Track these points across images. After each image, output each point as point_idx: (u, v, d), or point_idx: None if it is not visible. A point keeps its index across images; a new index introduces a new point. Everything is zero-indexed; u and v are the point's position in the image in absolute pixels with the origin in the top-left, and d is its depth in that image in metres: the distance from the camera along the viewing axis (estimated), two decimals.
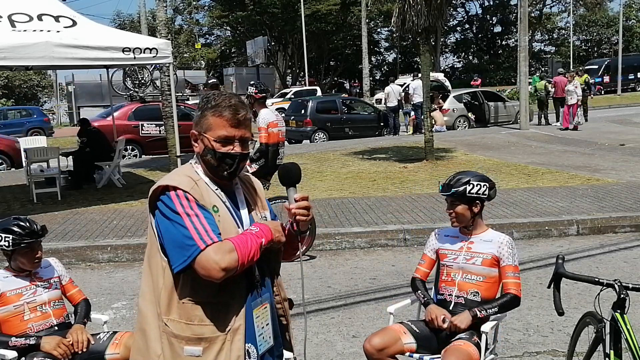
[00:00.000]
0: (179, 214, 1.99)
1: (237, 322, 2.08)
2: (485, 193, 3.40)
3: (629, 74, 40.33)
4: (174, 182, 2.06)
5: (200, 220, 1.99)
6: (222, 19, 48.29)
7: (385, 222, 7.90)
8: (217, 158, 2.10)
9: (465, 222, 3.47)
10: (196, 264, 1.95)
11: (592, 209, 8.27)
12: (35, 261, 3.47)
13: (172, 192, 2.03)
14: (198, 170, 2.16)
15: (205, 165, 2.15)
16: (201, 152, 2.14)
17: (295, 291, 5.92)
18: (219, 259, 1.93)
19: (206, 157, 2.13)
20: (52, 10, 9.40)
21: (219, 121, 2.10)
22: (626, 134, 17.53)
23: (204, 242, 1.95)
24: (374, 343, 3.28)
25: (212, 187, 2.13)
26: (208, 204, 2.06)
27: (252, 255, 2.01)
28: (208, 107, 2.12)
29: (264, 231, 2.08)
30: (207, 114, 2.12)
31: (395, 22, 12.98)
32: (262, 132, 6.83)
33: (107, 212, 9.05)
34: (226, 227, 2.07)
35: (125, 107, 16.92)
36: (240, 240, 2.01)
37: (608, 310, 2.85)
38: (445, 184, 3.48)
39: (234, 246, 1.97)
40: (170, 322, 2.07)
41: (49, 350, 3.26)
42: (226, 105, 2.10)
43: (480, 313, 3.26)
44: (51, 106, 51.07)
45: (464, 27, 61.29)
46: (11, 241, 3.36)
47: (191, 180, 2.09)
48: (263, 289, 2.19)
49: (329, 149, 15.87)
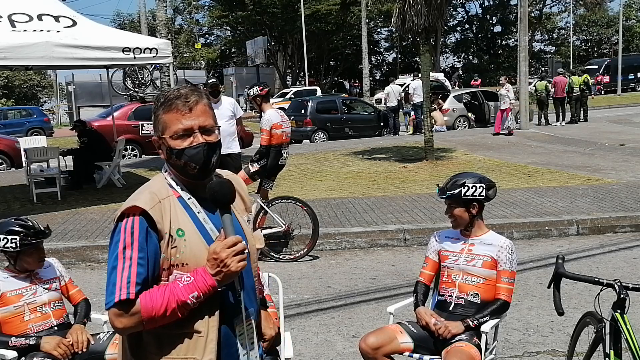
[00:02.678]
0: (117, 252, 1.84)
1: (206, 356, 1.87)
2: (482, 194, 3.39)
3: (629, 74, 40.34)
4: (134, 202, 1.87)
5: (132, 266, 1.81)
6: (222, 19, 48.26)
7: (385, 222, 7.90)
8: (179, 156, 1.91)
9: (464, 224, 3.48)
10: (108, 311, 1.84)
11: (592, 209, 8.27)
12: (40, 261, 3.49)
13: (123, 223, 1.86)
14: (170, 180, 1.98)
15: (174, 170, 1.97)
16: (166, 157, 1.96)
17: (295, 291, 5.93)
18: (115, 320, 1.82)
19: (171, 160, 1.95)
20: (52, 10, 9.40)
21: (171, 115, 1.92)
22: (626, 134, 17.53)
23: (119, 296, 1.79)
24: (369, 342, 3.28)
25: (185, 199, 1.94)
26: (168, 227, 1.87)
27: (166, 314, 1.82)
28: (159, 106, 1.95)
29: (200, 285, 1.83)
30: (159, 114, 1.95)
31: (395, 22, 12.98)
32: (263, 134, 6.83)
33: (107, 212, 9.05)
34: (195, 251, 1.89)
35: (125, 107, 16.94)
36: (152, 301, 1.81)
37: (608, 310, 2.85)
38: (441, 187, 3.51)
39: (141, 309, 1.80)
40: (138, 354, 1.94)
41: (49, 350, 3.26)
42: (174, 96, 1.92)
43: (473, 323, 3.29)
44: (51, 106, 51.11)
45: (464, 27, 61.26)
46: (18, 242, 3.37)
47: (155, 197, 1.90)
48: (248, 303, 1.98)
49: (329, 149, 15.86)
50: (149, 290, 1.84)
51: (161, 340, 1.89)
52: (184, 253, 1.88)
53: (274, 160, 6.86)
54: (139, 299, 1.81)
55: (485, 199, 3.41)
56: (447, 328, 3.25)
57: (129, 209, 1.88)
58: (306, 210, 6.92)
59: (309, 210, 6.91)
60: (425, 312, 3.42)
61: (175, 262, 1.88)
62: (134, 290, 1.80)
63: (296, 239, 7.20)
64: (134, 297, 1.80)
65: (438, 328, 3.27)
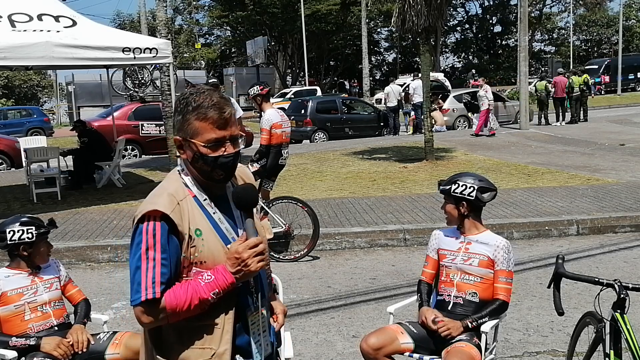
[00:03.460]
0: (141, 253, 1.92)
1: (222, 347, 1.98)
2: (471, 195, 3.38)
3: (629, 74, 40.34)
4: (153, 206, 1.93)
5: (156, 267, 1.90)
6: (222, 19, 48.26)
7: (385, 222, 7.90)
8: (209, 163, 1.97)
9: (454, 222, 3.51)
10: (134, 309, 1.95)
11: (592, 209, 8.27)
12: (49, 255, 3.54)
13: (144, 225, 1.92)
14: (187, 181, 2.03)
15: (196, 172, 2.02)
16: (190, 159, 2.00)
17: (295, 291, 5.93)
18: (141, 316, 1.93)
19: (197, 164, 1.99)
20: (52, 10, 9.40)
21: (205, 124, 1.94)
22: (626, 134, 17.53)
23: (145, 295, 1.89)
24: (370, 342, 3.28)
25: (200, 200, 2.01)
26: (187, 228, 1.95)
27: (189, 309, 1.92)
28: (190, 110, 1.96)
29: (220, 283, 1.93)
30: (190, 118, 1.96)
31: (395, 22, 12.99)
32: (263, 133, 6.83)
33: (107, 212, 9.05)
34: (212, 249, 1.98)
35: (125, 107, 16.93)
36: (176, 298, 1.92)
37: (608, 310, 2.85)
38: (440, 182, 3.60)
39: (166, 306, 1.91)
40: (161, 350, 2.02)
41: (49, 350, 3.26)
42: (209, 105, 1.95)
43: (472, 324, 3.29)
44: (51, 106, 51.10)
45: (464, 27, 61.28)
46: (34, 232, 3.39)
47: (173, 200, 1.96)
48: (261, 293, 2.09)
49: (329, 149, 15.86)
50: (173, 288, 1.93)
51: (181, 332, 1.99)
52: (202, 252, 1.97)
53: (274, 160, 6.85)
54: (164, 297, 1.91)
55: (476, 200, 3.40)
56: (446, 328, 3.25)
57: (149, 212, 1.94)
58: (307, 211, 6.92)
59: (309, 211, 6.91)
60: (428, 310, 3.41)
61: (194, 260, 1.97)
62: (159, 289, 1.91)
63: (296, 239, 7.20)
64: (160, 296, 1.91)
65: (438, 326, 3.27)
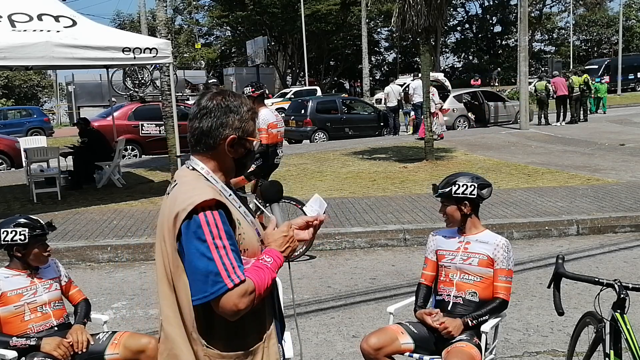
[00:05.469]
0: (207, 244, 1.87)
1: (270, 327, 2.09)
2: (473, 193, 3.39)
3: (629, 74, 40.35)
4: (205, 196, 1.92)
5: (228, 253, 1.88)
6: (222, 19, 48.30)
7: (385, 222, 7.90)
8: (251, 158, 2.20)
9: (457, 223, 3.50)
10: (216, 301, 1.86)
11: (592, 209, 8.27)
12: (47, 255, 3.53)
13: (202, 216, 1.89)
14: (216, 179, 2.07)
15: (228, 169, 2.12)
16: (241, 156, 2.12)
17: (295, 291, 5.93)
18: (239, 302, 1.86)
19: (244, 160, 2.14)
20: (52, 10, 9.39)
21: (254, 123, 2.16)
22: (626, 134, 17.53)
23: (232, 281, 1.85)
24: (371, 342, 3.28)
25: (226, 195, 2.05)
26: (235, 216, 2.01)
27: (267, 289, 1.97)
28: (246, 110, 2.10)
29: (277, 262, 2.03)
30: (247, 118, 2.11)
31: (395, 22, 12.99)
32: (262, 132, 6.84)
33: (107, 212, 9.05)
34: (251, 238, 2.06)
35: (125, 107, 16.92)
36: (259, 278, 1.94)
37: (608, 310, 2.85)
38: (435, 186, 3.56)
39: (255, 287, 1.91)
40: (215, 343, 1.99)
41: (49, 351, 3.26)
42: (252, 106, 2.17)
43: (472, 322, 3.29)
44: (51, 106, 51.11)
45: (464, 27, 61.29)
46: (27, 234, 3.39)
47: (215, 190, 2.00)
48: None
49: (329, 149, 15.86)
50: (248, 271, 1.94)
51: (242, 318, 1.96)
52: (245, 240, 2.04)
53: (269, 159, 6.92)
54: (252, 279, 1.92)
55: (478, 197, 3.41)
56: (446, 328, 3.25)
57: (202, 203, 1.91)
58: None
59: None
60: (425, 311, 3.42)
61: (242, 247, 2.02)
62: (240, 272, 1.90)
63: None
64: (244, 278, 1.90)
65: (437, 324, 3.27)
